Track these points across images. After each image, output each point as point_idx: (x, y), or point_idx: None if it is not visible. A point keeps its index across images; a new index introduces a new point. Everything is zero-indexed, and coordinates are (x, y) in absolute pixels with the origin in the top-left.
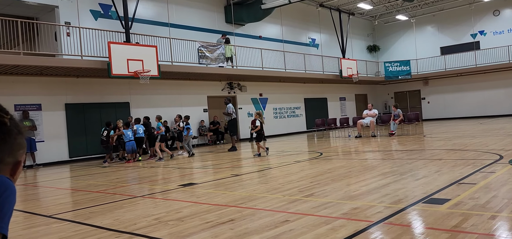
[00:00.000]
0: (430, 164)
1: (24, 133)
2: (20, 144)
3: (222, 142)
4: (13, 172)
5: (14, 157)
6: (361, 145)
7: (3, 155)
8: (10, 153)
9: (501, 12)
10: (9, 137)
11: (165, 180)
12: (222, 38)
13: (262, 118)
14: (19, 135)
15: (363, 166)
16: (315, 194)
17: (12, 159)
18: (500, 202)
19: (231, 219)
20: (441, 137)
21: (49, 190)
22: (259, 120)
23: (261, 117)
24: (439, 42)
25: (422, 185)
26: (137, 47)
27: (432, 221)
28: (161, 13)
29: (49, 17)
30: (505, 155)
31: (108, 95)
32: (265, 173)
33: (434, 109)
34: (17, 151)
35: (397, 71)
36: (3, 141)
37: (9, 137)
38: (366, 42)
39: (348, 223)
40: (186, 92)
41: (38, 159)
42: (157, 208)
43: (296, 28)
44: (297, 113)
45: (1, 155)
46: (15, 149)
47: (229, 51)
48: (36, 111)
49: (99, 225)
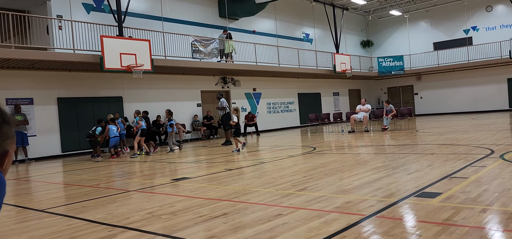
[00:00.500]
0: (422, 158)
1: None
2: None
3: (216, 136)
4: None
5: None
6: (354, 139)
7: None
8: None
9: (494, 8)
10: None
11: (159, 175)
12: (223, 34)
13: (239, 113)
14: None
15: (356, 160)
16: (308, 188)
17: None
18: (491, 196)
19: (224, 213)
20: (433, 132)
21: (41, 185)
22: (236, 116)
23: (238, 112)
24: (432, 38)
25: (414, 179)
26: (130, 41)
27: (424, 215)
28: (155, 7)
29: (41, 10)
30: (496, 149)
31: (100, 89)
32: (258, 167)
33: (426, 105)
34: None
35: (390, 66)
36: None
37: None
38: (359, 37)
39: (340, 216)
40: (180, 87)
41: (30, 153)
42: (150, 202)
43: (290, 23)
44: (291, 108)
45: None
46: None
47: (229, 47)
48: (28, 105)
49: (91, 220)
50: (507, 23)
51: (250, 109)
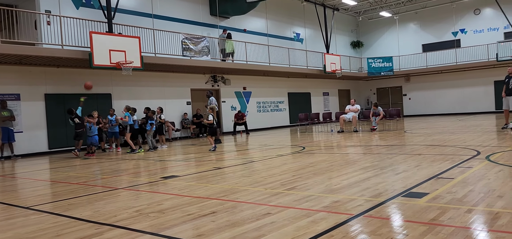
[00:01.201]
0: (410, 159)
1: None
2: None
3: (205, 135)
4: None
5: None
6: (343, 139)
7: None
8: None
9: (482, 11)
10: None
11: (147, 173)
12: (223, 34)
13: (214, 112)
14: None
15: (345, 160)
16: (297, 188)
17: None
18: (477, 196)
19: (213, 212)
20: (421, 133)
21: (27, 181)
22: (211, 115)
23: (213, 112)
24: (421, 40)
25: (401, 179)
26: (120, 38)
27: (411, 214)
28: (145, 3)
29: (29, 5)
30: (482, 151)
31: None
32: (247, 166)
33: (415, 106)
34: None
35: (380, 67)
36: None
37: None
38: (350, 38)
39: (328, 215)
40: (169, 84)
41: (16, 150)
42: (138, 200)
43: (281, 22)
44: (281, 107)
45: None
46: None
47: (230, 47)
48: (15, 101)
49: (78, 217)
50: (494, 26)
51: (240, 108)
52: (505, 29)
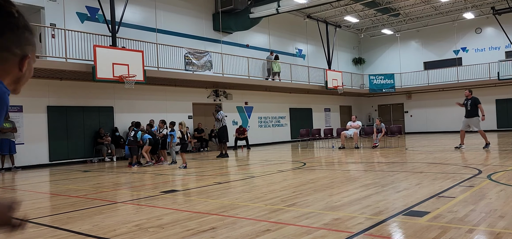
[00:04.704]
0: (411, 176)
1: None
2: (28, 39)
3: (206, 149)
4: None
5: (22, 50)
6: (344, 156)
7: (10, 43)
8: (18, 44)
9: (483, 30)
10: (17, 27)
11: (147, 187)
12: (271, 55)
13: (185, 128)
14: (27, 30)
15: (346, 177)
16: (297, 204)
17: (20, 51)
18: (478, 216)
19: (213, 227)
20: (422, 150)
21: (27, 194)
22: (181, 131)
23: (183, 127)
24: (423, 57)
25: (402, 197)
26: (123, 52)
27: (412, 233)
28: (149, 18)
29: (34, 18)
30: (484, 169)
31: (91, 99)
32: (248, 181)
33: (416, 123)
34: (26, 44)
35: (381, 84)
36: (9, 29)
37: (17, 28)
38: (351, 55)
39: (329, 233)
40: (171, 98)
41: (17, 161)
42: (138, 214)
43: (283, 38)
44: (282, 123)
45: (8, 43)
46: (23, 41)
47: (277, 67)
48: (17, 113)
49: (77, 231)
50: (495, 45)
51: (241, 123)
52: (507, 48)
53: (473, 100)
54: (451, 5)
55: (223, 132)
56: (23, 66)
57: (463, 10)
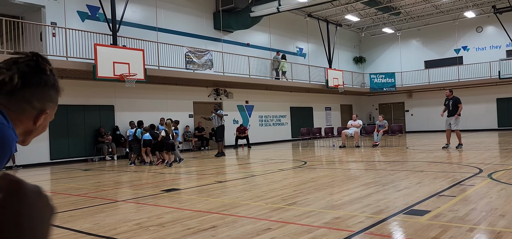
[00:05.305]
0: (412, 175)
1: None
2: (51, 97)
3: (207, 148)
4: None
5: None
6: (345, 155)
7: (33, 97)
8: (40, 99)
9: (484, 29)
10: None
11: (148, 185)
12: (277, 55)
13: (170, 128)
14: (53, 89)
15: (346, 176)
16: (297, 203)
17: (40, 105)
18: (479, 215)
19: (213, 226)
20: (423, 149)
21: None
22: (165, 130)
23: (169, 127)
24: (423, 56)
25: (403, 196)
26: (124, 50)
27: (412, 232)
28: (149, 17)
29: (35, 16)
30: (484, 168)
31: (92, 97)
32: (248, 180)
33: (417, 122)
34: (47, 101)
35: (382, 83)
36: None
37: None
38: (352, 53)
39: (329, 232)
40: (172, 97)
41: (17, 160)
42: (139, 213)
43: (284, 37)
44: (283, 121)
45: (30, 96)
46: (46, 98)
47: (284, 66)
48: None
49: (78, 229)
50: (496, 44)
51: (242, 122)
52: (507, 47)
53: (454, 99)
54: (452, 3)
55: (222, 131)
56: (38, 121)
57: (464, 9)
